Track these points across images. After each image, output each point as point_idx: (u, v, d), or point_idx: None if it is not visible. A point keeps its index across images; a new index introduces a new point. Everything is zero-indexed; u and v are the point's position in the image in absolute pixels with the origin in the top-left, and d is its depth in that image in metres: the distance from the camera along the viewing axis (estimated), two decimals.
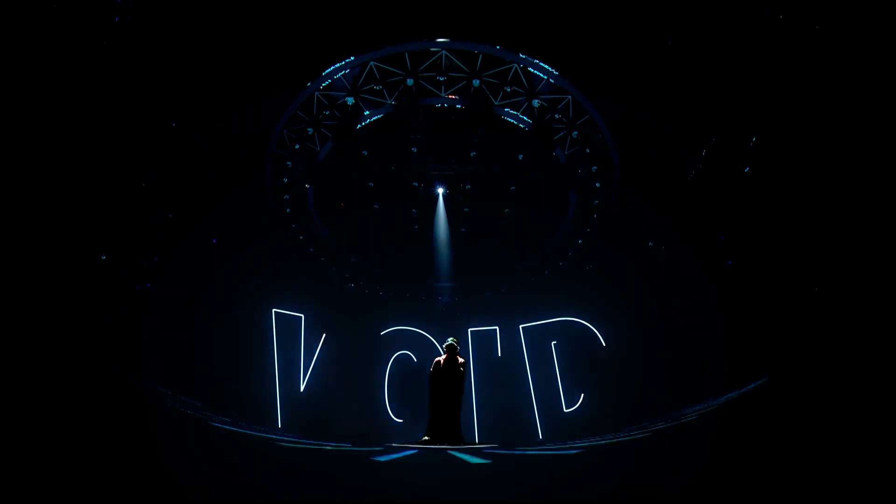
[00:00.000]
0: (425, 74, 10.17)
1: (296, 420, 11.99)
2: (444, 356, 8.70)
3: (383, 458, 4.90)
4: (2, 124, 6.46)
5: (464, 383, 8.67)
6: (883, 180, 6.87)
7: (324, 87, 10.18)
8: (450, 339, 8.87)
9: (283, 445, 5.59)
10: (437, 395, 8.55)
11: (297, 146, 11.03)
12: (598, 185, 11.67)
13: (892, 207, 6.68)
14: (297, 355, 13.24)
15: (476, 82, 10.08)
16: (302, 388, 12.91)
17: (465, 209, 12.81)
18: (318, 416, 12.54)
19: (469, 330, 14.06)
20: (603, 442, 6.32)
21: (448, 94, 10.40)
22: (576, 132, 10.91)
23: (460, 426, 8.58)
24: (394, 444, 8.86)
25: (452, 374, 8.53)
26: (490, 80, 10.21)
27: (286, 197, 11.90)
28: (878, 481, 3.47)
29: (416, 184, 12.42)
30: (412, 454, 6.04)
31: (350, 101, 10.32)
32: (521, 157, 11.38)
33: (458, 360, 8.61)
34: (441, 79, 10.15)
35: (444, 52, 9.81)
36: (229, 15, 8.40)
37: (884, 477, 3.49)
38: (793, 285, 8.69)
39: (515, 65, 9.99)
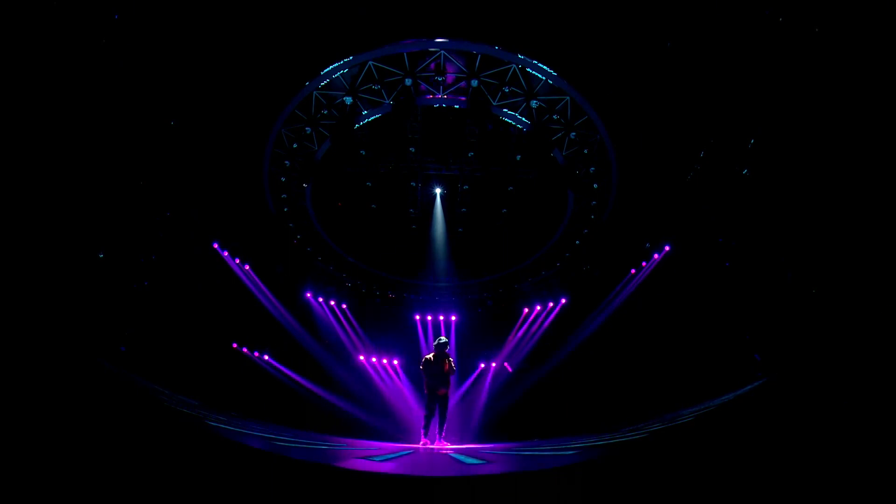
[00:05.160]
0: (423, 74, 10.17)
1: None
2: (432, 353, 8.77)
3: (379, 458, 4.90)
4: (2, 123, 6.45)
5: (450, 380, 8.77)
6: (881, 180, 6.90)
7: (322, 86, 10.18)
8: (441, 338, 8.95)
9: (279, 444, 5.59)
10: (429, 391, 8.66)
11: (294, 145, 11.03)
12: (595, 185, 11.68)
13: (889, 208, 6.70)
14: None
15: (475, 82, 10.08)
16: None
17: (463, 209, 12.82)
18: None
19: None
20: (600, 443, 6.32)
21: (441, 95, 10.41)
22: (574, 133, 10.92)
23: (430, 421, 8.69)
24: (390, 444, 8.87)
25: (441, 371, 8.61)
26: (489, 80, 10.22)
27: (284, 196, 11.90)
28: (878, 483, 3.49)
29: (413, 184, 12.43)
30: (409, 454, 6.05)
31: (348, 100, 10.32)
32: (518, 157, 11.39)
33: (446, 359, 8.67)
34: (439, 79, 10.15)
35: (442, 52, 9.80)
36: (228, 14, 8.40)
37: (884, 478, 3.51)
38: (791, 287, 8.72)
39: (514, 65, 9.99)
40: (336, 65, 9.82)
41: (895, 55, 6.48)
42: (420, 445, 8.44)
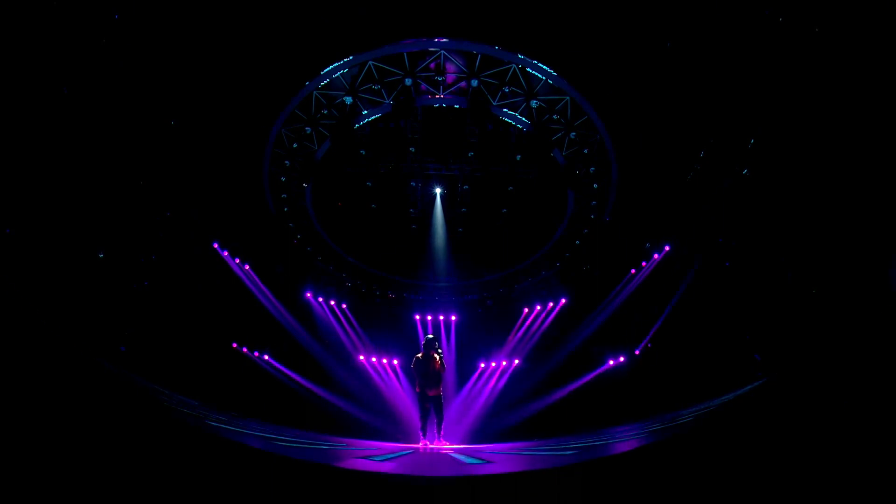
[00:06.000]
0: (423, 74, 10.17)
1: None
2: (421, 352, 8.75)
3: (379, 458, 4.91)
4: (2, 123, 6.45)
5: (441, 378, 8.75)
6: (881, 180, 6.90)
7: (322, 86, 10.18)
8: (428, 336, 8.94)
9: (279, 444, 5.59)
10: (420, 390, 8.67)
11: (294, 145, 11.03)
12: (595, 185, 11.68)
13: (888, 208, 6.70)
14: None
15: (475, 82, 10.09)
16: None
17: (463, 209, 12.81)
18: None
19: None
20: (599, 443, 6.33)
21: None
22: (574, 133, 10.92)
23: (427, 421, 8.69)
24: (388, 445, 8.87)
25: (431, 370, 8.60)
26: (489, 80, 10.22)
27: (284, 196, 11.90)
28: (878, 482, 3.49)
29: (413, 183, 12.43)
30: (409, 454, 6.05)
31: (348, 100, 10.32)
32: (518, 157, 11.40)
33: (435, 357, 8.66)
34: (439, 79, 10.15)
35: (442, 52, 9.80)
36: (229, 14, 8.40)
37: (884, 478, 3.51)
38: (791, 287, 8.71)
39: (514, 65, 10.00)
40: (336, 65, 9.82)
41: (895, 55, 6.48)
42: (420, 445, 8.44)
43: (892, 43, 6.47)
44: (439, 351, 8.70)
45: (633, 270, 12.34)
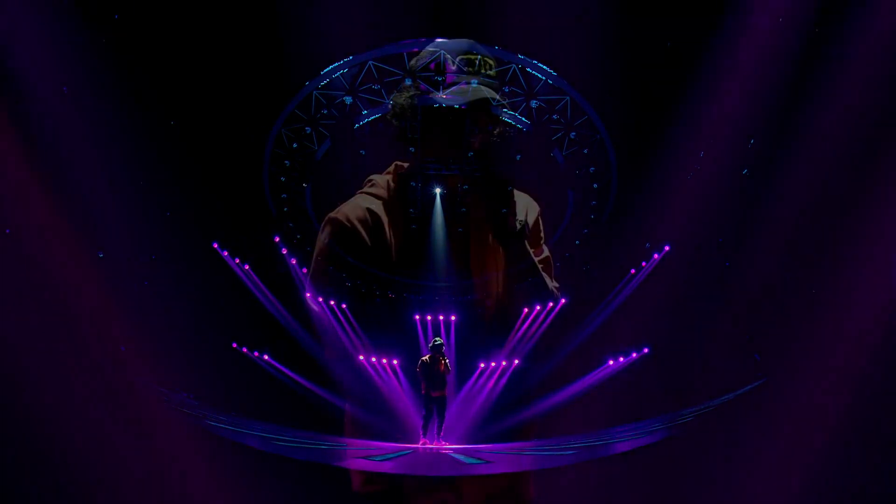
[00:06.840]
0: (423, 74, 10.18)
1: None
2: (428, 355, 8.75)
3: (379, 458, 4.92)
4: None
5: (446, 380, 8.75)
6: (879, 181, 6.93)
7: (322, 86, 10.18)
8: (437, 340, 8.93)
9: (279, 444, 5.60)
10: (426, 392, 8.69)
11: (294, 145, 11.02)
12: (595, 185, 11.66)
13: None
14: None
15: (475, 82, 10.08)
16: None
17: (463, 209, 12.81)
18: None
19: None
20: (599, 443, 6.35)
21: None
22: (574, 133, 10.92)
23: (429, 421, 8.69)
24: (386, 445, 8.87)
25: (437, 373, 8.62)
26: (488, 80, 10.22)
27: (284, 196, 11.88)
28: (878, 483, 3.50)
29: (413, 183, 12.42)
30: (408, 454, 6.06)
31: (348, 100, 10.32)
32: (518, 157, 11.39)
33: (441, 360, 8.66)
34: (439, 79, 10.15)
35: (442, 52, 9.81)
36: (228, 13, 8.44)
37: (883, 479, 3.52)
38: (790, 287, 8.74)
39: (514, 65, 10.00)
40: (336, 65, 9.83)
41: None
42: (419, 445, 8.43)
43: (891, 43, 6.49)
44: (445, 359, 8.74)
45: (633, 270, 12.32)
